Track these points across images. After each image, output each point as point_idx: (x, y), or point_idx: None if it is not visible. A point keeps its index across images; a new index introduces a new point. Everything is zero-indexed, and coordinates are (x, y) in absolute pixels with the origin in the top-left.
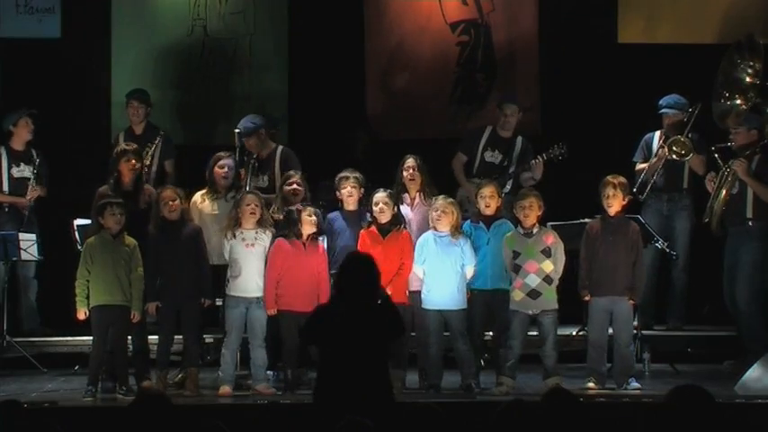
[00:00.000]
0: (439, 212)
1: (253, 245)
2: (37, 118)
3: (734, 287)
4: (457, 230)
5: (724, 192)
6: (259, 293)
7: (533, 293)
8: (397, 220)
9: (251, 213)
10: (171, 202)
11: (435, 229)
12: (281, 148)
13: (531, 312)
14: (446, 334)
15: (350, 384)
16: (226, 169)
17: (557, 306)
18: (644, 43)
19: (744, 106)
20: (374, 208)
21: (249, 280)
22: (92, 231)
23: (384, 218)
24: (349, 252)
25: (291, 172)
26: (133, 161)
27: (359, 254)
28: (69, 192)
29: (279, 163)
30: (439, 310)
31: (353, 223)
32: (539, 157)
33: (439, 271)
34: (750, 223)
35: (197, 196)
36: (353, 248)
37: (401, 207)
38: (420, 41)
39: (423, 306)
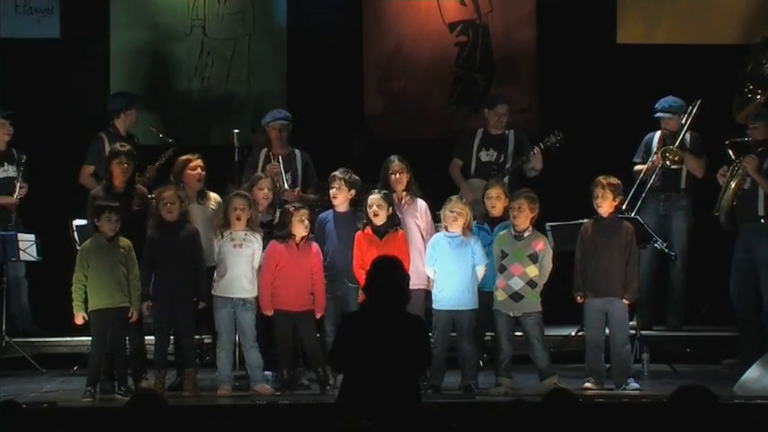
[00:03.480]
0: (455, 214)
1: (241, 245)
2: (14, 119)
3: (745, 287)
4: (469, 230)
5: (733, 185)
6: (245, 295)
7: (516, 296)
8: (393, 221)
9: (237, 219)
10: (170, 204)
11: (447, 229)
12: (298, 150)
13: (512, 314)
14: (452, 335)
15: (379, 392)
16: (199, 170)
17: (540, 309)
18: (643, 44)
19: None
20: (368, 210)
21: (234, 280)
22: (90, 233)
23: (379, 220)
24: (378, 257)
25: (260, 174)
26: (125, 164)
27: (387, 258)
28: (67, 192)
29: (301, 165)
30: (449, 310)
31: (343, 225)
32: (536, 147)
33: (450, 271)
34: (762, 221)
35: None
36: (342, 251)
37: None
38: (418, 42)
39: (433, 306)
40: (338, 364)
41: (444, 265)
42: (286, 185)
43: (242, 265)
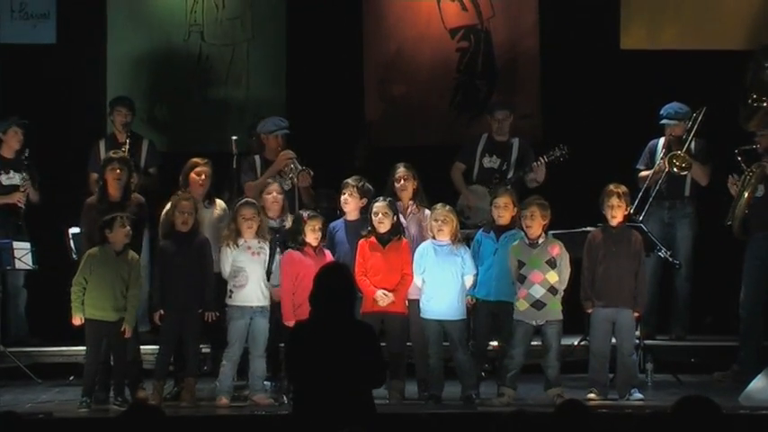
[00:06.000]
0: (440, 222)
1: (258, 253)
2: (27, 128)
3: (757, 295)
4: (457, 239)
5: (746, 194)
6: (263, 302)
7: (538, 304)
8: (397, 229)
9: (248, 228)
10: (187, 214)
11: (435, 238)
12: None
13: (535, 323)
14: (445, 344)
15: (330, 402)
16: (203, 176)
17: (561, 317)
18: (646, 49)
19: None
20: (373, 217)
21: (255, 289)
22: (85, 242)
23: (383, 227)
24: (324, 264)
25: (269, 180)
26: (118, 170)
27: (333, 265)
28: (63, 199)
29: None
30: (439, 320)
31: (354, 233)
32: (540, 159)
33: (439, 281)
34: None
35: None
36: (353, 260)
37: None
38: (419, 48)
39: (422, 316)
40: (291, 375)
41: (433, 274)
42: (300, 167)
43: (260, 273)
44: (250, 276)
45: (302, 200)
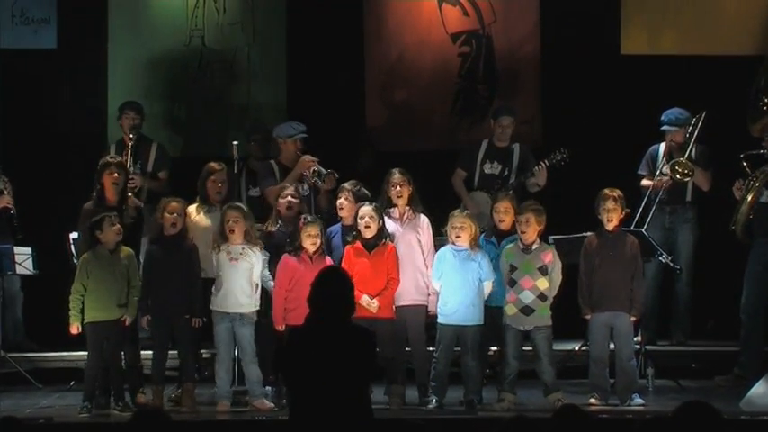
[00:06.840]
0: (458, 229)
1: (237, 259)
2: None
3: (759, 301)
4: (476, 244)
5: (749, 198)
6: (242, 310)
7: (526, 310)
8: (382, 234)
9: (230, 231)
10: (177, 215)
11: (454, 243)
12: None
13: (522, 328)
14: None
15: (326, 406)
16: (219, 184)
17: (550, 322)
18: (647, 55)
19: None
20: (359, 221)
21: (230, 295)
22: (84, 247)
23: (369, 232)
24: (323, 268)
25: (286, 184)
26: (116, 174)
27: (332, 269)
28: (64, 204)
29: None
30: (454, 325)
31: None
32: (541, 163)
33: (456, 285)
34: None
35: (191, 208)
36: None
37: (388, 222)
38: (421, 52)
39: (438, 320)
40: (286, 380)
41: (450, 278)
42: (325, 170)
43: (239, 280)
44: (225, 282)
45: (320, 205)
